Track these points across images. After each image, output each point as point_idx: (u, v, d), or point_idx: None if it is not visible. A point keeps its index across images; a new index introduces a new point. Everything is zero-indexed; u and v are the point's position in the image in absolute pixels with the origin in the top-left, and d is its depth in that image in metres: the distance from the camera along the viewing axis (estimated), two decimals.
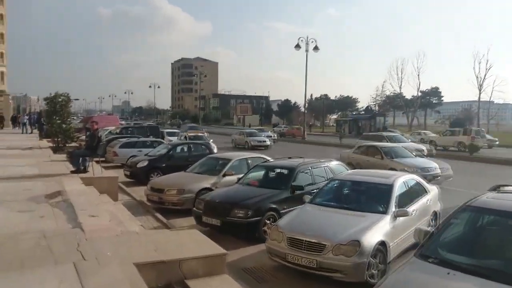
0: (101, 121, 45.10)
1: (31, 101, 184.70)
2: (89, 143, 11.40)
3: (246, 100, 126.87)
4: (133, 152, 21.25)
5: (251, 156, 13.28)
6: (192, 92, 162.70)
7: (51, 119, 20.63)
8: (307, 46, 42.83)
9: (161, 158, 16.73)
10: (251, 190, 9.92)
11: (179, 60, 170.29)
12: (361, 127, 65.91)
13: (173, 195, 11.20)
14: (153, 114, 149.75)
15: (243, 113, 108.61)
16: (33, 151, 18.54)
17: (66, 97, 20.78)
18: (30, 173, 11.24)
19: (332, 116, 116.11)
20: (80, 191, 8.89)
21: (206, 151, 17.93)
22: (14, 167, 12.56)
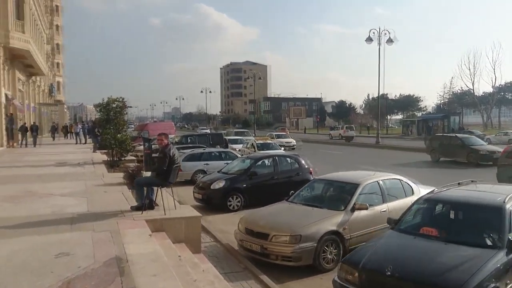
0: (156, 128, 42.62)
1: (87, 110, 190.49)
2: (158, 167, 7.67)
3: (298, 103, 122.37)
4: (199, 166, 17.78)
5: (385, 178, 9.12)
6: (241, 96, 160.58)
7: (104, 129, 17.45)
8: (379, 39, 38.03)
9: (241, 176, 12.93)
10: None
11: (228, 65, 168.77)
12: (432, 127, 59.58)
13: (284, 245, 7.27)
14: (204, 120, 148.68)
15: (296, 116, 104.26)
16: (84, 169, 15.33)
17: (120, 103, 17.53)
18: (74, 212, 7.66)
19: (392, 117, 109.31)
20: (150, 256, 5.11)
21: (295, 166, 13.98)
22: (56, 199, 9.13)
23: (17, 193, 9.81)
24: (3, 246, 5.58)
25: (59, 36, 77.92)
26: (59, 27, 77.81)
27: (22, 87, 36.99)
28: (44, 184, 11.44)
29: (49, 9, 64.07)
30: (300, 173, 13.82)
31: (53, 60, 69.00)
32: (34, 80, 44.94)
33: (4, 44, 27.68)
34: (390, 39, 37.99)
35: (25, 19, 30.92)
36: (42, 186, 11.04)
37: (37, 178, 12.69)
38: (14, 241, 5.83)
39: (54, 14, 70.76)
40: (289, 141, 36.61)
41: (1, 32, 27.24)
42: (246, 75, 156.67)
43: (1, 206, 8.34)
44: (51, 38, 65.94)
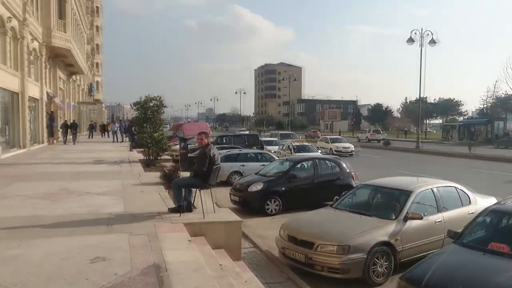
0: (191, 128, 42.65)
1: (124, 110, 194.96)
2: (197, 167, 7.25)
3: (333, 105, 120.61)
4: (235, 167, 17.40)
5: (439, 185, 8.40)
6: (275, 98, 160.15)
7: (141, 127, 17.34)
8: (421, 40, 36.62)
9: (280, 179, 12.42)
10: None
11: (263, 66, 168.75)
12: (474, 133, 57.12)
13: (331, 255, 6.71)
14: (238, 121, 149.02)
15: (331, 118, 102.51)
16: (121, 167, 15.23)
17: (158, 101, 17.38)
18: (111, 212, 7.37)
19: (430, 121, 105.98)
20: (190, 265, 4.69)
21: (336, 169, 13.35)
22: (92, 197, 8.90)
23: (55, 191, 9.68)
24: (37, 248, 5.30)
25: (99, 36, 79.86)
26: (99, 28, 79.76)
27: (63, 85, 37.89)
28: (81, 182, 11.31)
29: (90, 10, 65.69)
30: (342, 177, 13.19)
31: (92, 60, 70.74)
32: (75, 79, 46.04)
33: (46, 43, 28.33)
34: (432, 40, 36.52)
35: (66, 19, 31.60)
36: (79, 184, 10.90)
37: (75, 175, 12.63)
38: (49, 242, 5.55)
39: (94, 15, 72.53)
40: (346, 146, 32.26)
41: (43, 31, 27.90)
42: (281, 76, 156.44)
43: (38, 203, 8.17)
44: (91, 38, 67.58)
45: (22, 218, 6.91)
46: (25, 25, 22.77)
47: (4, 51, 20.37)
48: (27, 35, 23.42)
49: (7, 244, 5.40)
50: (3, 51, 20.20)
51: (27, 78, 23.77)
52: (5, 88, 19.86)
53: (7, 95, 21.20)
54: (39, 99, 27.66)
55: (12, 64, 21.73)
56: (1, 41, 19.87)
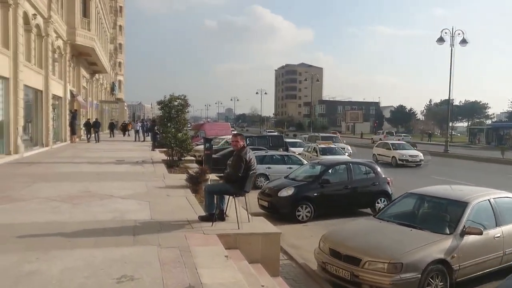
0: (212, 128, 42.19)
1: (145, 109, 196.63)
2: (232, 173, 6.57)
3: (354, 106, 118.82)
4: (261, 169, 16.65)
5: (497, 196, 7.55)
6: (295, 99, 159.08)
7: (165, 127, 16.81)
8: (452, 40, 35.29)
9: (312, 183, 11.69)
10: None
11: (283, 67, 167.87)
12: (503, 136, 55.19)
13: (381, 273, 5.96)
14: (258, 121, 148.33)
15: (353, 120, 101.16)
16: (144, 168, 14.72)
17: (182, 100, 16.84)
18: (136, 219, 6.77)
19: (454, 124, 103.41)
20: None
21: (371, 174, 12.55)
22: (116, 201, 8.33)
23: (76, 193, 9.17)
24: (56, 262, 4.71)
25: (121, 36, 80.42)
26: (122, 28, 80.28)
27: (86, 84, 37.87)
28: (103, 183, 10.80)
29: (113, 9, 66.02)
30: (377, 183, 12.39)
31: (115, 59, 71.14)
32: (97, 78, 46.13)
33: (71, 41, 28.19)
34: (463, 40, 35.12)
35: (91, 17, 31.46)
36: (101, 185, 10.39)
37: (97, 176, 12.14)
38: (69, 255, 4.96)
39: (117, 15, 72.93)
40: (414, 154, 26.35)
41: (67, 29, 27.76)
42: (301, 77, 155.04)
43: (59, 207, 7.63)
44: (114, 38, 67.93)
45: (41, 225, 6.36)
46: (50, 23, 22.57)
47: (29, 48, 20.17)
48: (51, 33, 23.24)
49: (24, 257, 4.83)
50: (28, 49, 19.98)
51: (51, 76, 23.59)
52: (29, 85, 19.63)
53: (31, 93, 21.00)
54: (62, 97, 27.52)
55: (36, 62, 21.55)
56: (26, 39, 19.64)
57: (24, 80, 18.19)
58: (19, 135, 17.53)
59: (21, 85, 17.60)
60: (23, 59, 18.28)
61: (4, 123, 16.80)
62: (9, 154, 16.78)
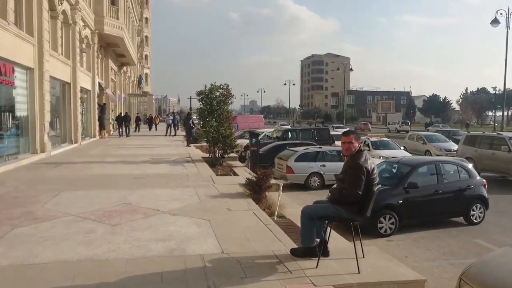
0: (245, 121, 40.12)
1: (170, 103, 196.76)
2: (349, 190, 4.36)
3: (385, 96, 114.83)
4: (314, 167, 14.60)
5: None
6: (322, 90, 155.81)
7: (206, 121, 14.86)
8: (507, 21, 32.15)
9: (395, 188, 9.45)
10: None
11: (309, 57, 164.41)
12: None
13: None
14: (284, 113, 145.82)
15: (385, 110, 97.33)
16: (186, 168, 12.80)
17: (225, 90, 14.86)
18: (203, 253, 4.77)
19: (491, 113, 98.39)
20: None
21: (464, 176, 10.24)
22: (165, 220, 6.36)
23: (113, 206, 7.27)
24: None
25: (148, 28, 79.24)
26: (148, 20, 79.08)
27: (114, 77, 36.45)
28: (144, 191, 8.90)
29: (140, 0, 64.64)
30: (472, 186, 10.08)
31: (141, 52, 69.93)
32: (125, 70, 44.74)
33: (99, 31, 26.56)
34: None
35: (119, 5, 29.78)
36: (142, 194, 8.49)
37: (134, 181, 10.27)
38: None
39: (144, 7, 71.62)
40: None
41: (95, 18, 26.14)
42: (328, 67, 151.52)
43: (94, 232, 5.71)
44: (141, 30, 66.64)
45: (69, 266, 4.42)
46: (77, 10, 20.90)
47: (55, 36, 18.53)
48: (79, 21, 21.59)
49: None
50: (54, 37, 18.35)
51: (79, 68, 22.02)
52: (55, 77, 18.02)
53: (58, 85, 19.43)
54: (91, 90, 26.00)
55: (64, 52, 19.94)
56: (52, 26, 18.00)
57: (50, 71, 16.54)
58: (45, 131, 15.92)
59: (47, 76, 15.94)
60: (49, 47, 16.62)
61: (30, 119, 15.19)
62: (35, 153, 15.18)
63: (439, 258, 7.54)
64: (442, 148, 22.24)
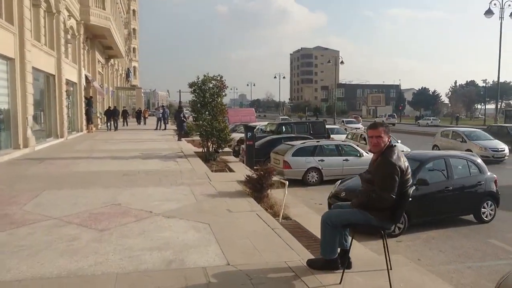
0: (236, 114, 39.36)
1: (159, 96, 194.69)
2: (381, 196, 3.66)
3: (374, 90, 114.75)
4: (312, 162, 14.00)
5: None
6: (311, 83, 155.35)
7: (199, 114, 14.14)
8: (501, 12, 31.80)
9: None
10: None
11: (298, 51, 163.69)
12: None
13: None
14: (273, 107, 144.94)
15: (375, 103, 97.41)
16: (178, 164, 12.08)
17: (218, 82, 14.15)
18: (205, 266, 4.11)
19: (482, 106, 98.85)
20: None
21: (474, 171, 9.71)
22: (160, 224, 5.68)
23: (101, 207, 6.57)
24: None
25: (135, 21, 77.72)
26: (136, 12, 77.56)
27: (101, 69, 35.39)
28: (135, 189, 8.19)
29: None
30: (482, 182, 9.56)
31: (129, 45, 68.56)
32: (113, 63, 43.61)
33: (85, 21, 25.55)
34: None
35: None
36: (133, 193, 7.78)
37: (124, 178, 9.55)
38: None
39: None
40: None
41: (81, 8, 25.12)
42: (318, 60, 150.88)
43: (78, 239, 4.99)
44: (128, 22, 65.24)
45: (50, 282, 3.74)
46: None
47: (38, 26, 17.58)
48: (63, 10, 20.62)
49: None
50: (37, 26, 17.40)
51: (64, 59, 21.06)
52: (39, 68, 17.10)
53: (41, 77, 18.51)
54: (77, 82, 25.03)
55: (47, 42, 18.98)
56: (34, 14, 17.05)
57: (33, 62, 15.65)
58: (29, 125, 15.06)
59: (29, 67, 15.04)
60: (31, 37, 15.70)
61: (11, 112, 14.32)
62: (17, 148, 14.33)
63: (455, 261, 6.99)
64: (488, 147, 18.84)
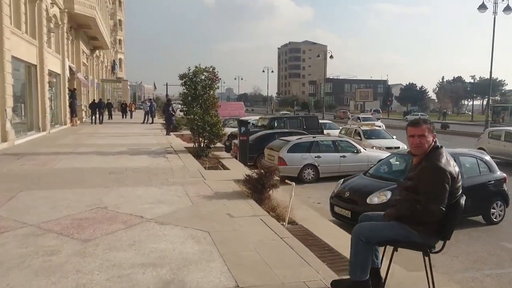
0: (225, 108, 38.51)
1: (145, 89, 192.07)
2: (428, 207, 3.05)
3: (362, 85, 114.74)
4: (308, 159, 13.42)
5: None
6: (299, 78, 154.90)
7: (190, 107, 13.38)
8: (495, 7, 31.45)
9: None
10: None
11: (286, 45, 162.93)
12: None
13: None
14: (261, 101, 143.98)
15: (363, 98, 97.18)
16: (169, 161, 11.33)
17: (211, 74, 13.41)
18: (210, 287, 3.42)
19: (468, 102, 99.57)
20: None
21: (484, 170, 9.20)
22: (152, 232, 4.96)
23: (85, 212, 5.83)
24: None
25: (121, 12, 76.02)
26: (122, 3, 75.86)
27: (86, 60, 34.21)
28: (123, 189, 7.45)
29: None
30: (492, 182, 9.05)
31: (115, 36, 66.99)
32: (98, 54, 42.35)
33: (68, 9, 24.44)
34: (508, 7, 31.29)
35: None
36: (121, 194, 7.05)
37: (111, 176, 8.78)
38: None
39: None
40: None
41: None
42: (305, 55, 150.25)
43: (57, 254, 4.22)
44: (114, 13, 63.67)
45: None
46: None
47: (18, 12, 16.56)
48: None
49: None
50: (17, 13, 16.38)
51: (47, 49, 20.05)
52: (19, 58, 16.12)
53: (22, 67, 17.51)
54: (61, 74, 23.97)
55: (29, 30, 17.95)
56: (14, 0, 16.05)
57: (12, 51, 14.68)
58: (7, 118, 14.13)
59: (7, 55, 14.09)
60: (10, 23, 14.73)
61: None
62: None
63: (471, 268, 6.44)
64: None
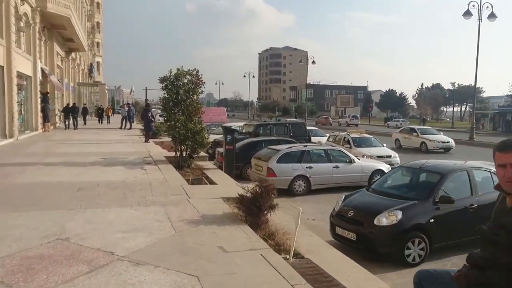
0: (207, 114, 37.32)
1: (123, 94, 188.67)
2: None
3: (343, 91, 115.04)
4: (299, 169, 12.44)
5: None
6: (280, 83, 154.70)
7: (171, 113, 12.21)
8: (479, 14, 31.24)
9: (424, 204, 7.32)
10: None
11: (267, 50, 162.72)
12: (511, 122, 52.37)
13: None
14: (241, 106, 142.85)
15: (344, 104, 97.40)
16: (147, 173, 10.13)
17: (194, 77, 12.28)
18: None
19: (447, 109, 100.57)
20: None
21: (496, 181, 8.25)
22: (125, 281, 3.82)
23: (39, 246, 4.64)
24: None
25: (99, 14, 74.04)
26: (100, 5, 73.91)
27: (61, 63, 32.58)
28: (91, 212, 6.27)
29: None
30: None
31: (93, 39, 65.04)
32: (74, 57, 40.64)
33: (41, 8, 22.96)
34: (492, 14, 31.16)
35: None
36: (88, 219, 5.87)
37: (78, 195, 7.57)
38: None
39: None
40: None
41: None
42: (286, 61, 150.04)
43: None
44: (92, 15, 61.78)
45: None
46: None
47: None
48: None
49: None
50: None
51: (15, 49, 18.60)
52: None
53: None
54: (32, 76, 22.44)
55: None
56: None
57: None
58: None
59: None
60: None
61: None
62: None
63: None
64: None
